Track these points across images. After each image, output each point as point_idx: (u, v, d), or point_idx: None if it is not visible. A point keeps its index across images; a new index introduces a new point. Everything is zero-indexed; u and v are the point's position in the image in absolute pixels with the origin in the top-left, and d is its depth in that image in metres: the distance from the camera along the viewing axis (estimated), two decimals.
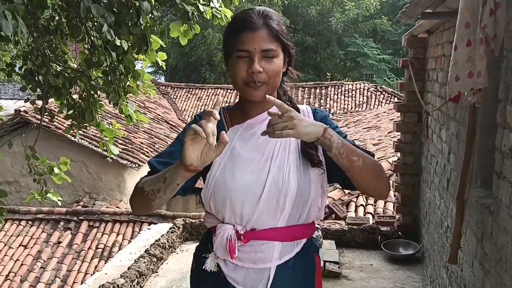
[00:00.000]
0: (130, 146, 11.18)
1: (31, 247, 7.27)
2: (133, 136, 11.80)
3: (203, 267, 1.53)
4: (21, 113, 9.87)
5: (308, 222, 1.58)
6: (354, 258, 4.23)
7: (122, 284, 3.37)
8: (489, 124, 2.12)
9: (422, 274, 3.87)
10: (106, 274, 3.78)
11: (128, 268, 3.67)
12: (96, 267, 6.89)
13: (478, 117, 2.16)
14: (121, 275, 3.53)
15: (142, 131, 12.79)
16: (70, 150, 10.05)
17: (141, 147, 11.74)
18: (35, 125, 9.94)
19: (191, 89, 18.35)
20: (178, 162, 1.34)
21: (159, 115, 14.78)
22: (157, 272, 3.97)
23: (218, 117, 1.29)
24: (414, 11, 3.22)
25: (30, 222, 7.72)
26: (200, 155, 1.31)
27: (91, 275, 5.92)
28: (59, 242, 7.40)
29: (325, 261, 3.89)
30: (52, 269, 6.98)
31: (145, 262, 3.79)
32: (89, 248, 7.31)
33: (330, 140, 1.37)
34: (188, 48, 20.66)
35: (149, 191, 1.41)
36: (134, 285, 3.54)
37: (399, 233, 4.39)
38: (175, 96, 18.02)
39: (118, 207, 9.10)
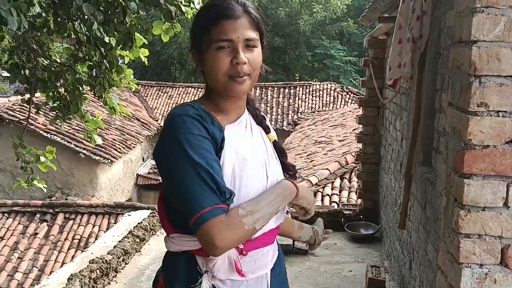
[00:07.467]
0: (102, 142, 11.31)
1: (8, 239, 7.39)
2: (105, 133, 11.98)
3: None
4: None
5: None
6: None
7: (109, 260, 3.68)
8: (430, 110, 2.54)
9: (380, 250, 4.32)
10: (92, 253, 4.06)
11: (114, 247, 3.98)
12: (73, 257, 7.07)
13: (422, 105, 2.59)
14: (108, 252, 3.83)
15: (114, 128, 12.98)
16: (42, 146, 10.08)
17: (114, 144, 11.94)
18: (7, 121, 10.01)
19: (162, 88, 18.55)
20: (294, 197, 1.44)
21: (130, 112, 14.94)
22: (140, 251, 4.28)
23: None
24: (372, 15, 3.66)
25: (6, 215, 7.84)
26: None
27: None
28: (36, 234, 7.54)
29: (293, 240, 4.28)
30: (29, 259, 7.13)
31: (129, 242, 4.10)
32: (66, 239, 7.48)
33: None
34: (159, 47, 20.78)
35: (260, 227, 1.32)
36: (120, 262, 3.85)
37: (361, 216, 4.83)
38: (145, 94, 18.19)
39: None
